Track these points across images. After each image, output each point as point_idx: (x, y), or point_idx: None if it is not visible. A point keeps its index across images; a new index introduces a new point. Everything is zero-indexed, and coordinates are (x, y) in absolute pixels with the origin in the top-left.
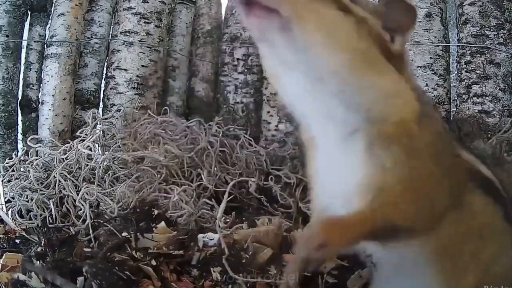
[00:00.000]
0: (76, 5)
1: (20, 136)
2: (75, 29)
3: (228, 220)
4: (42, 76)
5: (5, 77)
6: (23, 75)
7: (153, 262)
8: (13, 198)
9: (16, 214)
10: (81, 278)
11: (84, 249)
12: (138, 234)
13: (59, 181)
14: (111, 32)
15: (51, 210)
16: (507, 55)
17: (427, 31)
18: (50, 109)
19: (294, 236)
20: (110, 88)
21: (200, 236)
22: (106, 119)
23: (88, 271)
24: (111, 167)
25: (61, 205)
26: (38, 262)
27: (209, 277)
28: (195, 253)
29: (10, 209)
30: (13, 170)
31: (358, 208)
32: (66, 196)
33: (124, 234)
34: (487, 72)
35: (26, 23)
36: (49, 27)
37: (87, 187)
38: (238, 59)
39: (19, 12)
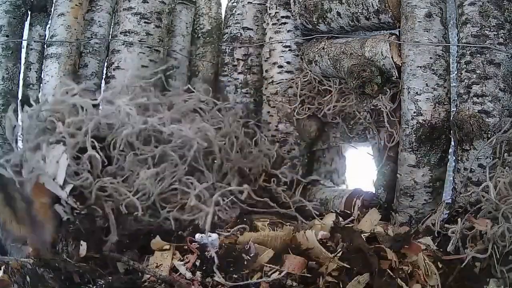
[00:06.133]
0: (76, 5)
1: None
2: (75, 29)
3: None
4: (42, 76)
5: (5, 77)
6: (23, 75)
7: None
8: None
9: None
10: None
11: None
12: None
13: None
14: (111, 32)
15: None
16: (507, 55)
17: (427, 31)
18: None
19: (295, 238)
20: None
21: (202, 236)
22: None
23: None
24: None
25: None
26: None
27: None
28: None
29: None
30: None
31: None
32: None
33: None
34: (487, 72)
35: (26, 23)
36: (49, 27)
37: None
38: (238, 59)
39: (19, 12)
